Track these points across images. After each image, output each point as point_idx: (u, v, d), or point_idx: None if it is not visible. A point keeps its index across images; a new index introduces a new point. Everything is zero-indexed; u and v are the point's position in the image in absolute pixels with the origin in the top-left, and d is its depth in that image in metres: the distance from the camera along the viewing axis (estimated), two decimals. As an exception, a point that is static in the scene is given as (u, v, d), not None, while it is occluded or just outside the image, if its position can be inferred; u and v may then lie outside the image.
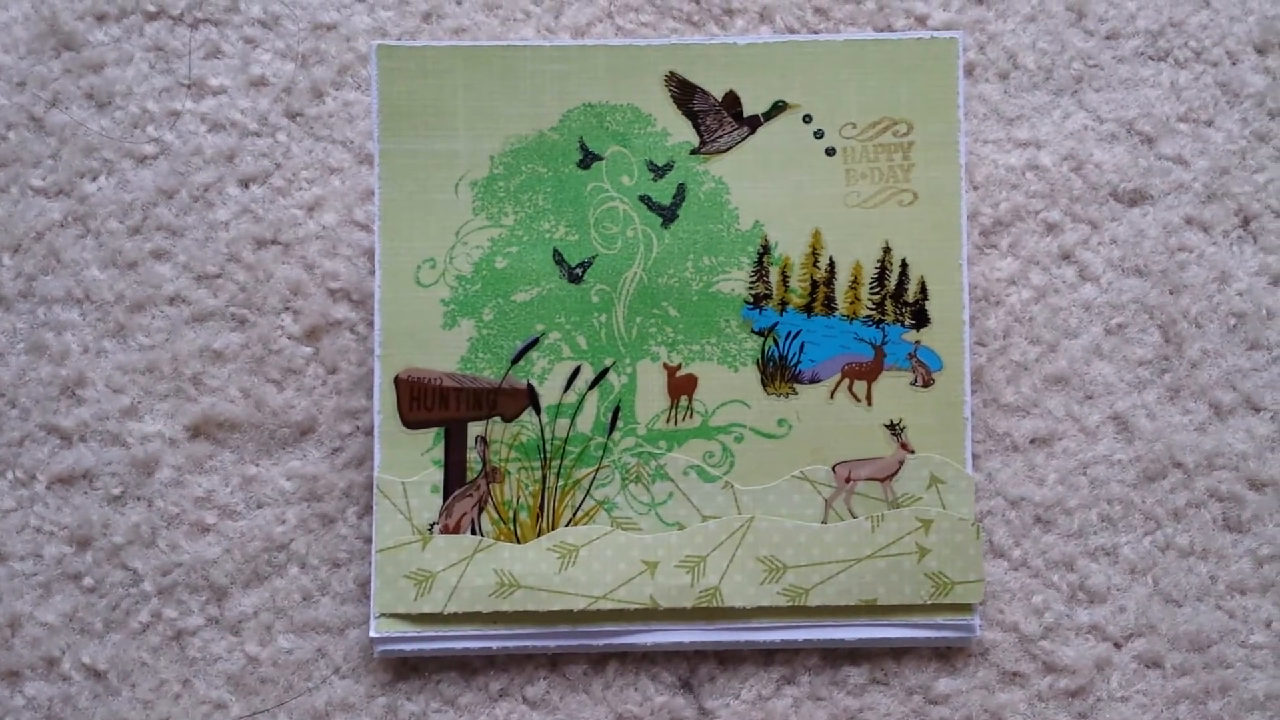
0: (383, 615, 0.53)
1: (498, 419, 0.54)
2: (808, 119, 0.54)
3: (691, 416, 0.54)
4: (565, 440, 0.54)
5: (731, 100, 0.54)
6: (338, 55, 0.58)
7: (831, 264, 0.54)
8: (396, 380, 0.53)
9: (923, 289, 0.54)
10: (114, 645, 0.55)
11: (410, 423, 0.53)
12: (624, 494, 0.54)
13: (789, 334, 0.54)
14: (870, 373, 0.54)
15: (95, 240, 0.57)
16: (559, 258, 0.54)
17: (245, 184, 0.57)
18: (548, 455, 0.54)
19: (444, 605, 0.53)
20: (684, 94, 0.54)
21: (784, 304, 0.54)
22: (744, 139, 0.54)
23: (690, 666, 0.55)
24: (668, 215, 0.54)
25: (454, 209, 0.54)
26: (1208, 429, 0.56)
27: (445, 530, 0.53)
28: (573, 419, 0.54)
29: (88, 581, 0.55)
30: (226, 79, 0.58)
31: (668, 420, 0.54)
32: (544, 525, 0.53)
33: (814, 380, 0.54)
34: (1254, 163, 0.58)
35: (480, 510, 0.53)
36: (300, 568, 0.55)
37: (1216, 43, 0.58)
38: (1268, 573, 0.55)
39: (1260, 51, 0.58)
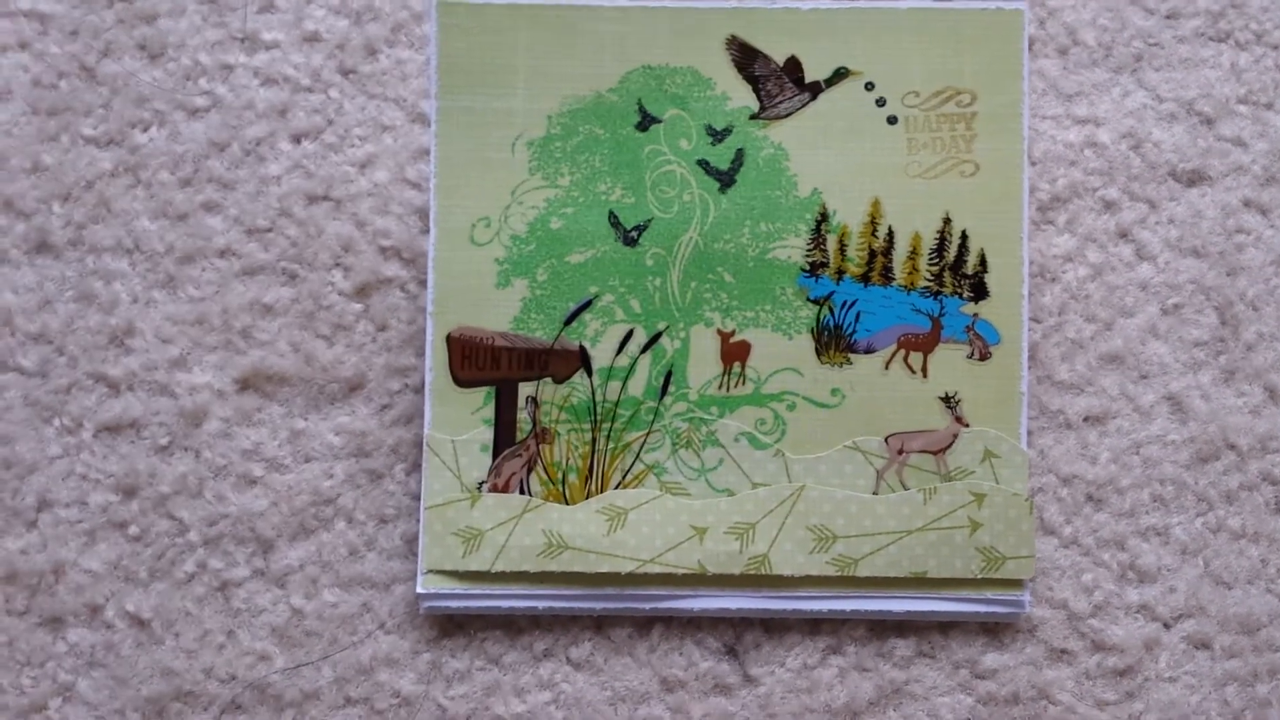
0: (430, 571, 0.53)
1: (549, 380, 0.54)
2: (870, 86, 0.54)
3: (744, 383, 0.54)
4: (616, 403, 0.54)
5: (793, 66, 0.54)
6: (392, 13, 0.58)
7: (890, 234, 0.54)
8: (448, 338, 0.53)
9: (982, 261, 0.53)
10: (158, 594, 0.55)
11: (461, 381, 0.53)
12: (674, 459, 0.53)
13: (845, 303, 0.54)
14: (926, 344, 0.53)
15: (146, 191, 0.56)
16: (614, 220, 0.54)
17: (297, 139, 0.57)
18: (598, 418, 0.54)
19: (491, 564, 0.52)
20: (745, 58, 0.54)
21: (840, 273, 0.54)
22: (804, 105, 0.54)
23: (736, 633, 0.55)
24: (725, 180, 0.54)
25: (510, 168, 0.54)
26: (1262, 412, 0.56)
27: (494, 489, 0.53)
28: (624, 382, 0.54)
29: (133, 530, 0.55)
30: (280, 34, 0.58)
31: (720, 386, 0.54)
32: (593, 487, 0.53)
33: (869, 350, 0.54)
34: (1313, 147, 0.57)
35: (529, 470, 0.53)
36: (347, 522, 0.55)
37: (1278, 25, 0.58)
38: (1319, 558, 0.55)
39: (1321, 36, 0.58)
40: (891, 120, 0.54)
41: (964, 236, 0.53)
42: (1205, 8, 0.58)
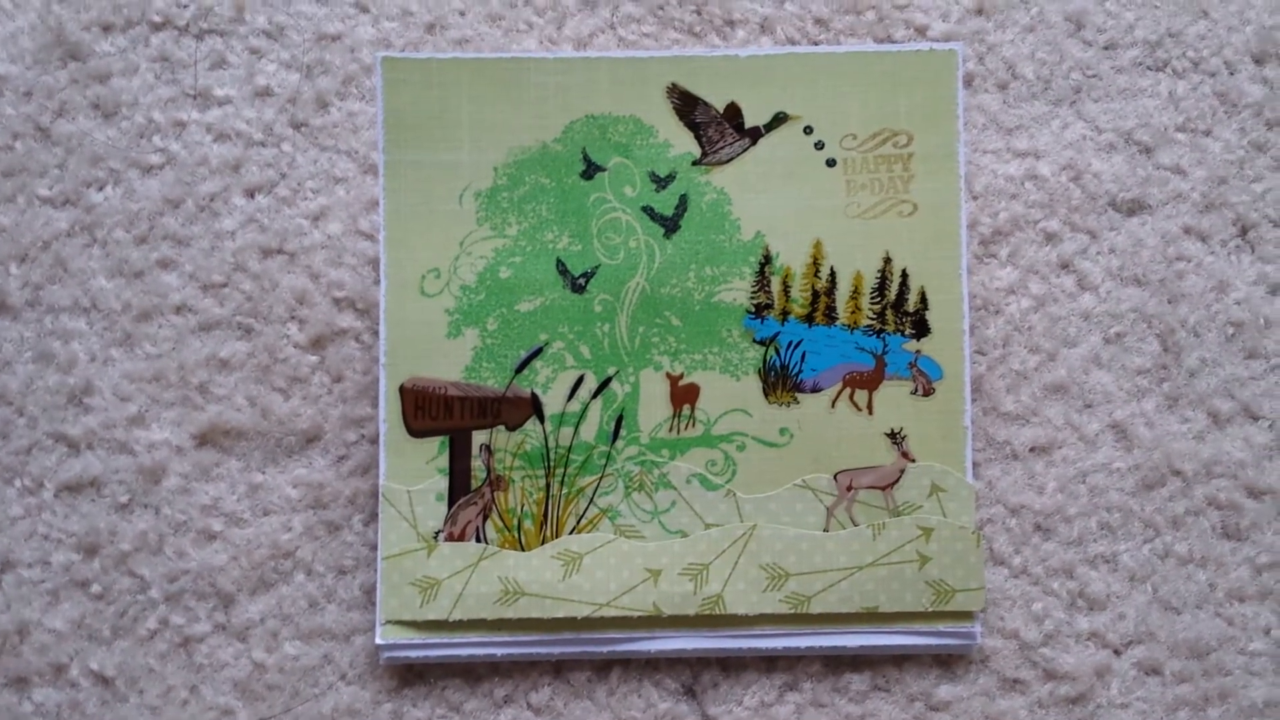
0: (388, 622, 0.53)
1: (502, 428, 0.54)
2: (809, 130, 0.55)
3: (694, 425, 0.54)
4: (569, 449, 0.54)
5: (733, 112, 0.55)
6: (342, 66, 0.58)
7: (832, 274, 0.55)
8: (401, 389, 0.54)
9: (923, 299, 0.54)
10: (122, 652, 0.55)
11: (415, 431, 0.54)
12: (627, 502, 0.54)
13: (790, 343, 0.54)
14: (871, 382, 0.54)
15: (102, 249, 0.57)
16: (562, 268, 0.55)
17: (251, 194, 0.58)
18: (551, 464, 0.54)
19: (449, 612, 0.53)
20: (686, 105, 0.55)
21: (785, 314, 0.55)
22: (745, 150, 0.55)
23: (693, 673, 0.55)
24: (670, 226, 0.55)
25: (458, 219, 0.55)
26: (1206, 437, 0.57)
27: (450, 538, 0.54)
28: (576, 428, 0.54)
29: (95, 589, 0.55)
30: (232, 89, 0.58)
31: (670, 429, 0.54)
32: (548, 533, 0.54)
33: (815, 389, 0.54)
34: (1251, 172, 0.58)
35: (485, 518, 0.54)
36: (306, 575, 0.55)
37: (1214, 53, 0.59)
38: (1266, 580, 0.56)
39: (1258, 61, 0.59)
40: (830, 163, 0.55)
41: (904, 275, 0.54)
42: (1143, 37, 0.59)
